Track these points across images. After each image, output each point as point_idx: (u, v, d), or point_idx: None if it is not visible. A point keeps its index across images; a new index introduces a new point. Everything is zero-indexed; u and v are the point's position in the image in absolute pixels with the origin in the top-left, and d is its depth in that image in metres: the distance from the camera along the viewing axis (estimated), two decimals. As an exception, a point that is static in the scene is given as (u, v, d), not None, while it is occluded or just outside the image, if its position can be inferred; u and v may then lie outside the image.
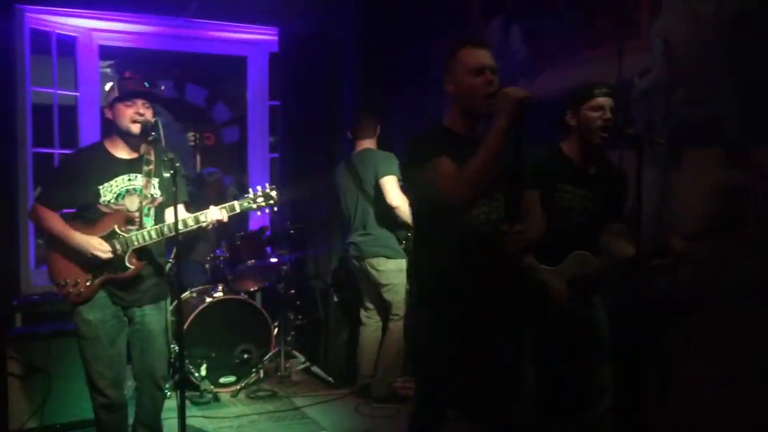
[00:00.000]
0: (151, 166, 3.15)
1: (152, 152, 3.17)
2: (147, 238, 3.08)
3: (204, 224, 3.17)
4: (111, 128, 3.16)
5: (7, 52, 4.77)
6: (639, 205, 2.52)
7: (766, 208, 2.88)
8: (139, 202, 3.12)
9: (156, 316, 3.22)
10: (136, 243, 3.07)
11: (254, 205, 3.31)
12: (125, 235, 3.07)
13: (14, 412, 3.75)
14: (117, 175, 3.10)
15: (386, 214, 4.27)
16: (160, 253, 3.25)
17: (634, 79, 3.46)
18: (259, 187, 3.33)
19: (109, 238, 3.05)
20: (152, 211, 3.17)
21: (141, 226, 3.11)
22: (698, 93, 3.18)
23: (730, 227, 2.86)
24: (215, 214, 3.18)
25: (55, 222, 3.08)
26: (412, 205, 2.67)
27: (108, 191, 3.08)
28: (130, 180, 3.12)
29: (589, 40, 3.75)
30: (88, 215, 3.09)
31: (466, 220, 2.42)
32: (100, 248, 3.01)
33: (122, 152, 3.14)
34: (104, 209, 3.08)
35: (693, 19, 3.18)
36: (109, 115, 3.12)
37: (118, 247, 3.05)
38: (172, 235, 3.00)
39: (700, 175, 3.17)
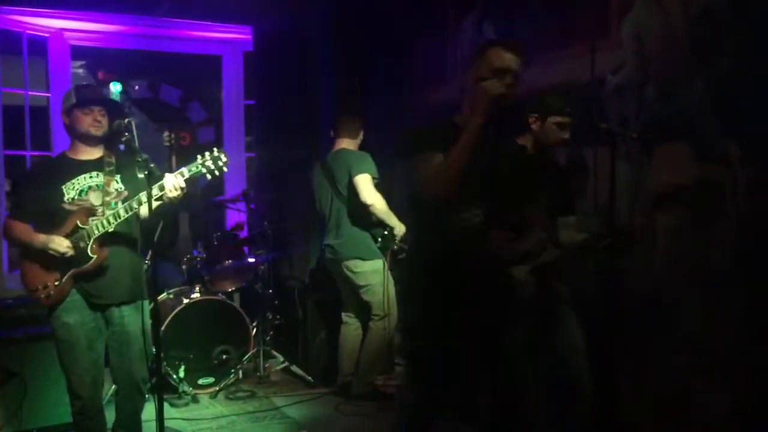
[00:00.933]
0: (112, 167, 3.20)
1: (112, 156, 3.23)
2: (105, 224, 3.07)
3: (170, 192, 3.00)
4: (70, 134, 3.21)
5: (-24, 53, 4.71)
6: (612, 200, 2.56)
7: (736, 201, 2.93)
8: (102, 197, 3.14)
9: (134, 318, 3.21)
10: (96, 232, 3.07)
11: (203, 169, 3.05)
12: (86, 227, 3.08)
13: (-11, 417, 3.71)
14: (78, 174, 3.15)
15: (361, 213, 4.27)
16: (129, 247, 3.23)
17: (606, 75, 3.50)
18: (206, 152, 3.09)
19: (73, 234, 3.07)
20: (119, 205, 3.14)
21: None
22: (669, 89, 3.22)
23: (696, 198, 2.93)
24: (172, 179, 3.02)
25: (21, 230, 3.13)
26: (409, 203, 2.66)
27: (70, 189, 3.12)
28: (91, 177, 3.17)
29: (562, 37, 3.78)
30: (57, 218, 3.11)
31: (455, 221, 2.41)
32: (61, 244, 3.03)
33: (83, 155, 3.20)
34: (68, 207, 3.10)
35: (664, 15, 3.22)
36: (66, 120, 3.17)
37: (80, 242, 3.06)
38: (129, 215, 3.04)
39: (672, 170, 3.21)
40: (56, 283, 3.07)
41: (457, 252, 2.43)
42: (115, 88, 4.85)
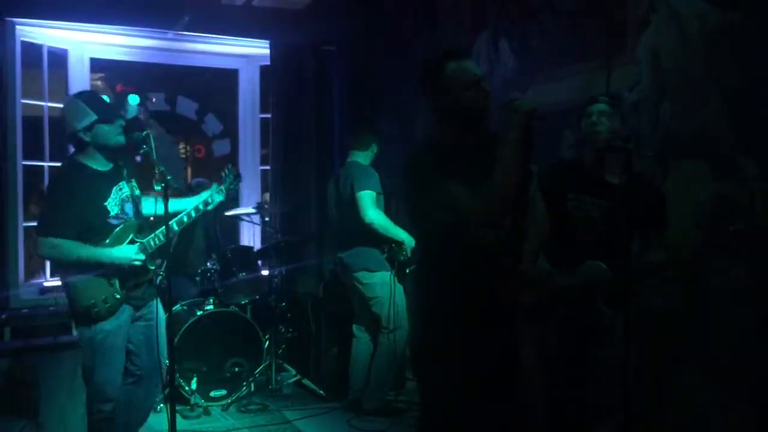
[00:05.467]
0: (129, 174, 3.33)
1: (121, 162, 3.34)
2: (161, 238, 3.24)
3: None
4: (86, 146, 3.18)
5: (-3, 64, 4.77)
6: (630, 219, 2.54)
7: (753, 218, 2.90)
8: (133, 208, 3.27)
9: (160, 307, 3.38)
10: (153, 245, 3.23)
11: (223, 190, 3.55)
12: (142, 241, 3.22)
13: (3, 427, 3.72)
14: (111, 187, 3.20)
15: (365, 227, 4.27)
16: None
17: (622, 92, 3.49)
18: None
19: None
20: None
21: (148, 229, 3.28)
22: (685, 105, 3.21)
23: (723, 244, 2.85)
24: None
25: (78, 248, 3.07)
26: (418, 228, 2.60)
27: (113, 205, 3.18)
28: (120, 189, 3.24)
29: (578, 53, 3.79)
30: (100, 233, 3.13)
31: (476, 238, 2.37)
32: (135, 256, 3.16)
33: (101, 165, 3.21)
34: (114, 222, 3.17)
35: (680, 32, 3.21)
36: (86, 137, 3.13)
37: (142, 254, 3.20)
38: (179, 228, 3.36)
39: (688, 187, 3.19)
40: (117, 296, 3.13)
41: (488, 266, 2.38)
42: (133, 100, 4.89)
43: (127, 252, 3.14)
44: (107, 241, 3.13)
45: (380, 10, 5.50)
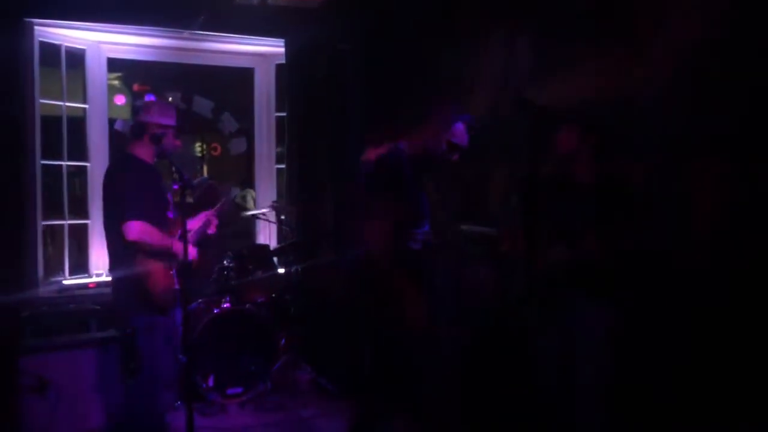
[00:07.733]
0: None
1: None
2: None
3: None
4: (143, 139, 3.37)
5: (16, 64, 4.79)
6: (642, 217, 2.53)
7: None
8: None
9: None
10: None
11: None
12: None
13: (23, 425, 3.76)
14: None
15: None
16: None
17: (640, 91, 3.47)
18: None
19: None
20: None
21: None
22: (702, 104, 3.18)
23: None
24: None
25: (157, 233, 3.22)
26: None
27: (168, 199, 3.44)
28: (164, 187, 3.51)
29: (595, 51, 3.76)
30: (162, 225, 3.29)
31: None
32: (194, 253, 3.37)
33: (149, 160, 3.42)
34: (170, 215, 3.38)
35: (696, 30, 3.19)
36: (155, 130, 3.35)
37: None
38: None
39: (704, 188, 3.17)
40: (176, 287, 3.28)
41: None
42: (150, 99, 4.93)
43: (192, 250, 3.27)
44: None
45: (395, 8, 5.49)
